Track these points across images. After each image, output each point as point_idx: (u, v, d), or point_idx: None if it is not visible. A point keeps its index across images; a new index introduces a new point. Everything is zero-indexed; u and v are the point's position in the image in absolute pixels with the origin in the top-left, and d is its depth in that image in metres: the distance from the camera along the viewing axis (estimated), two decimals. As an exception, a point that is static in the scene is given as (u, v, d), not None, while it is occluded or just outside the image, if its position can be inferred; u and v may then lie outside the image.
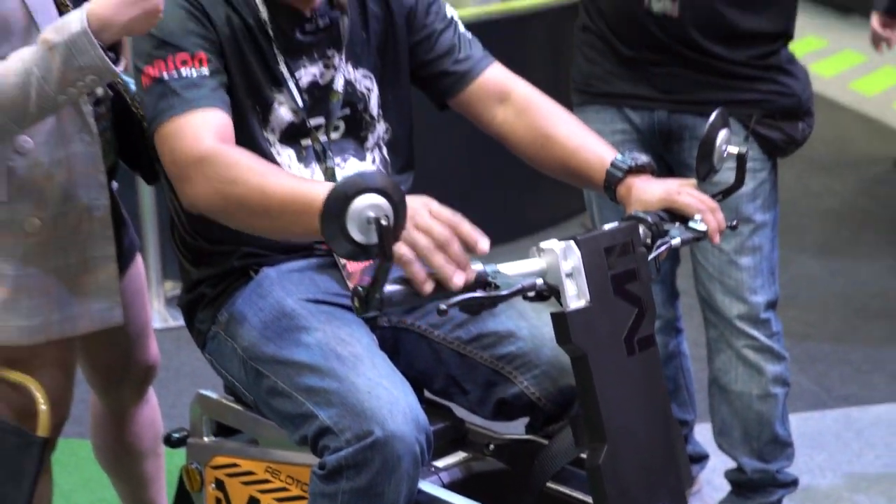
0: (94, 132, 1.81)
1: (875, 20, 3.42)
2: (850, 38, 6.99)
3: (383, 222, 1.25)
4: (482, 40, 1.90)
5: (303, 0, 1.66)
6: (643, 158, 1.69)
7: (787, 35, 2.36)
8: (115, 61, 1.75)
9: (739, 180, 1.66)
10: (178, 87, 1.59)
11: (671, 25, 2.23)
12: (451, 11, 1.87)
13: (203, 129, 1.55)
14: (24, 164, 1.76)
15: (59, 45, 1.55)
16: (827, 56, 6.81)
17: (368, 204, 1.26)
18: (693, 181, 1.64)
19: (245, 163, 1.52)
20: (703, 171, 1.61)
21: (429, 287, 1.30)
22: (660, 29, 2.24)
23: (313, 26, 1.69)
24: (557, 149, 1.76)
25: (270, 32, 1.65)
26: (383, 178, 1.30)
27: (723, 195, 1.65)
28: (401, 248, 1.29)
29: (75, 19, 1.54)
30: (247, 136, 1.61)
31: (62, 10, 1.76)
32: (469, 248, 1.34)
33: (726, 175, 1.70)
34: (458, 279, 1.31)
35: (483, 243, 1.35)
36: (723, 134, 1.61)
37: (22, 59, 1.59)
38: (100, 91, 1.83)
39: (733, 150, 1.63)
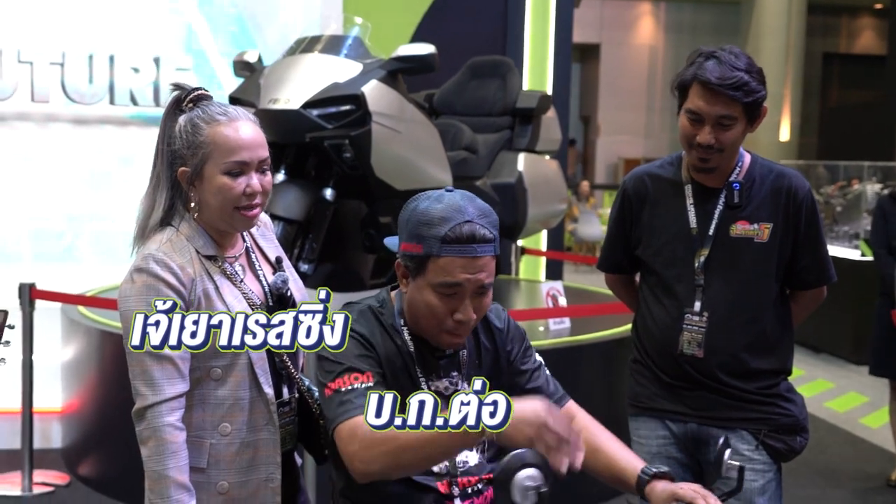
0: (277, 426, 1.99)
1: None
2: (822, 370, 7.93)
3: (543, 489, 1.51)
4: (558, 363, 2.08)
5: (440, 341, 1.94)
6: (664, 469, 1.90)
7: (787, 371, 2.57)
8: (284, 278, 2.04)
9: (739, 486, 1.93)
10: (351, 396, 1.82)
11: (698, 364, 2.50)
12: (538, 357, 2.12)
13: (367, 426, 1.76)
14: (222, 442, 1.95)
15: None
16: (804, 383, 7.42)
17: (527, 475, 1.53)
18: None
19: (393, 432, 1.71)
20: (714, 477, 1.95)
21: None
22: (690, 366, 2.51)
23: (443, 354, 1.98)
24: (603, 458, 1.99)
25: (414, 357, 1.94)
26: (538, 455, 1.54)
27: (726, 496, 1.91)
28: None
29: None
30: None
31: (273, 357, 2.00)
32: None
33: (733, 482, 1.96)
34: (564, 467, 1.54)
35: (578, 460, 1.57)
36: (727, 453, 1.91)
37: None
38: (286, 395, 2.04)
39: (734, 464, 1.91)
